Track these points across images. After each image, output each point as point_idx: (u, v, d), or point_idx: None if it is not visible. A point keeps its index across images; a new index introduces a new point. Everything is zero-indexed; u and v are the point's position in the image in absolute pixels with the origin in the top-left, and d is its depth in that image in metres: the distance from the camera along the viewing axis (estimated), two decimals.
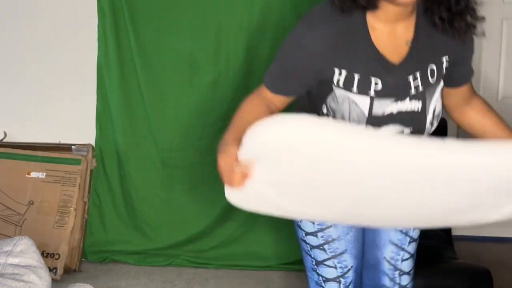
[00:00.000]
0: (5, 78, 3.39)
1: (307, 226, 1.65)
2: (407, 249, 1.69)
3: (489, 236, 3.77)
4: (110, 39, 3.21)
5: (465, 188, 1.30)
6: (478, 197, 1.34)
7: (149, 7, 3.16)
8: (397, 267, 1.68)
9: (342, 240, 1.62)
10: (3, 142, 3.35)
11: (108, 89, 3.27)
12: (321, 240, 1.62)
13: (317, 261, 1.66)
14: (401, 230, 1.66)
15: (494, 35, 3.65)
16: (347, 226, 1.63)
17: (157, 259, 3.29)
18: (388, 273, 1.68)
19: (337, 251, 1.63)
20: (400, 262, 1.68)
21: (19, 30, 3.34)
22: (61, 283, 2.94)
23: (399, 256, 1.68)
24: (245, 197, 1.49)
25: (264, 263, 3.21)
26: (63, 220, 3.11)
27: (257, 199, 1.47)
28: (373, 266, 1.68)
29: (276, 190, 1.40)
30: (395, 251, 1.67)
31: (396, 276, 1.68)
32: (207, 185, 3.24)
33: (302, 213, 1.54)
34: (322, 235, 1.62)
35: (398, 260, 1.67)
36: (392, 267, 1.68)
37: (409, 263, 1.70)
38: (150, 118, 3.26)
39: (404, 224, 1.62)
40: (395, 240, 1.67)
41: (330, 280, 1.65)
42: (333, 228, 1.61)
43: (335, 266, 1.64)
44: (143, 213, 3.31)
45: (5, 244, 1.59)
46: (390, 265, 1.68)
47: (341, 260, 1.64)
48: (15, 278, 1.49)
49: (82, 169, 3.20)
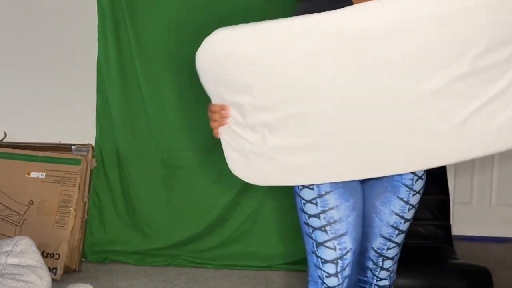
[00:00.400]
0: (5, 78, 3.39)
1: (306, 193, 1.73)
2: (395, 240, 1.82)
3: (489, 236, 3.78)
4: (110, 39, 3.21)
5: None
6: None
7: (149, 7, 3.16)
8: (382, 254, 1.83)
9: (344, 222, 1.71)
10: (3, 142, 3.36)
11: (108, 89, 3.27)
12: (324, 221, 1.71)
13: (317, 243, 1.72)
14: (392, 225, 1.79)
15: None
16: (348, 209, 1.71)
17: (157, 259, 3.30)
18: (373, 259, 1.84)
19: (338, 233, 1.70)
20: (385, 251, 1.83)
21: (19, 30, 3.35)
22: (61, 283, 2.94)
23: (386, 246, 1.82)
24: (237, 155, 1.68)
25: (264, 263, 3.21)
26: (63, 220, 3.11)
27: (249, 153, 1.65)
28: (361, 253, 1.81)
29: (259, 128, 1.62)
30: (383, 242, 1.81)
31: (380, 261, 1.84)
32: (207, 185, 3.24)
33: (293, 160, 1.65)
34: (324, 216, 1.70)
35: (384, 250, 1.82)
36: (377, 255, 1.83)
37: (394, 250, 1.84)
38: (150, 118, 3.26)
39: (397, 160, 1.64)
40: (384, 233, 1.80)
41: (328, 261, 1.71)
42: (335, 210, 1.70)
43: (335, 248, 1.71)
44: (143, 213, 3.32)
45: (5, 244, 1.59)
46: (376, 253, 1.83)
47: (341, 241, 1.71)
48: (15, 278, 1.49)
49: (82, 169, 3.20)
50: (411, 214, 1.82)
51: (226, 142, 1.69)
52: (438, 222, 3.04)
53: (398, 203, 1.78)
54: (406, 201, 1.79)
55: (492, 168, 3.77)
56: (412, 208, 1.81)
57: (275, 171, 1.67)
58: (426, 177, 1.83)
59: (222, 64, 1.60)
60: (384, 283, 1.88)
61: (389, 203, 1.78)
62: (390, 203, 1.78)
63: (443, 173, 3.11)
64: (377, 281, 1.87)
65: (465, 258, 2.98)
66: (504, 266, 3.29)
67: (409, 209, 1.80)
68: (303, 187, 1.73)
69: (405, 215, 1.80)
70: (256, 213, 3.24)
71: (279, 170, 1.66)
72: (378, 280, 1.86)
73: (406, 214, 1.80)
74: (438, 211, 3.05)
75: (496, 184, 3.78)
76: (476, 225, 3.77)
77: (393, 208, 1.78)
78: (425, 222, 3.03)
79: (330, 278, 1.71)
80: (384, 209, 1.79)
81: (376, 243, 1.82)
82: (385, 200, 1.78)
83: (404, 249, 2.90)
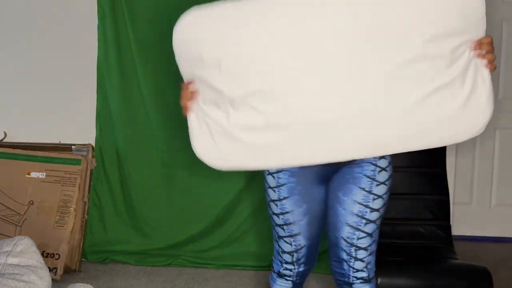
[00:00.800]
0: (5, 78, 3.39)
1: (271, 193, 1.99)
2: (363, 229, 1.91)
3: (489, 236, 3.78)
4: (110, 39, 3.21)
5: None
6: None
7: (149, 7, 3.16)
8: (353, 244, 1.91)
9: (297, 224, 1.97)
10: (3, 142, 3.36)
11: (108, 89, 3.27)
12: (281, 221, 1.99)
13: (278, 236, 2.04)
14: (357, 214, 1.89)
15: (494, 35, 3.65)
16: (301, 214, 1.95)
17: (157, 259, 3.30)
18: (345, 249, 1.93)
19: (292, 232, 1.99)
20: (356, 240, 1.91)
21: (19, 30, 3.34)
22: (61, 283, 2.94)
23: (355, 235, 1.91)
24: (203, 137, 1.82)
25: (264, 263, 3.21)
26: (63, 220, 3.11)
27: (214, 133, 1.77)
28: (334, 244, 1.95)
29: (223, 105, 1.72)
30: (351, 232, 1.91)
31: (352, 251, 1.92)
32: (207, 185, 3.24)
33: (254, 140, 1.75)
34: (282, 217, 1.98)
35: (354, 239, 1.91)
36: (349, 244, 1.92)
37: (365, 240, 1.92)
38: (150, 118, 3.26)
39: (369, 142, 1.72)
40: (351, 222, 1.90)
41: (286, 252, 2.04)
42: (289, 214, 1.96)
43: (291, 243, 2.01)
44: (143, 213, 3.32)
45: (5, 244, 1.59)
46: (347, 243, 1.92)
47: (296, 239, 2.00)
48: (15, 278, 1.49)
49: (82, 169, 3.20)
50: (378, 204, 1.90)
51: (193, 122, 1.81)
52: (438, 222, 3.04)
53: (360, 193, 1.88)
54: (368, 191, 1.88)
55: (492, 168, 3.77)
56: (378, 198, 1.89)
57: (237, 153, 1.77)
58: (391, 169, 1.91)
59: (194, 39, 1.73)
60: (362, 275, 1.95)
61: (351, 194, 1.89)
62: (352, 193, 1.89)
63: (443, 173, 3.11)
64: (354, 273, 1.94)
65: (465, 258, 2.98)
66: (504, 266, 3.29)
67: (374, 198, 1.89)
68: (269, 187, 1.97)
69: (370, 204, 1.89)
70: (256, 213, 3.24)
71: (240, 151, 1.76)
72: (355, 271, 1.94)
73: (370, 203, 1.89)
74: (438, 211, 3.05)
75: (496, 184, 3.78)
76: (476, 225, 3.77)
77: (355, 198, 1.88)
78: (425, 222, 3.03)
79: (287, 264, 2.06)
80: (346, 199, 1.89)
81: (344, 232, 1.91)
82: (347, 191, 1.89)
83: (404, 249, 2.91)
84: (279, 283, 2.13)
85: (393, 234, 3.00)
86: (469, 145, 3.75)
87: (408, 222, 3.04)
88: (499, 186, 3.78)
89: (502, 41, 3.66)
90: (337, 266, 1.98)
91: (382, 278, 2.59)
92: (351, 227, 1.90)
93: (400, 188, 3.08)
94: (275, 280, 2.15)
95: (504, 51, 3.67)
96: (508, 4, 3.63)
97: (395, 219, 3.04)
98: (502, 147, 3.76)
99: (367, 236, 1.92)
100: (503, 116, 3.72)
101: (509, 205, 3.79)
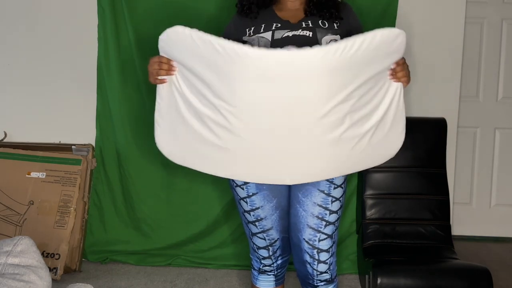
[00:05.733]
0: (5, 78, 3.39)
1: (239, 191, 2.07)
2: (324, 231, 1.99)
3: (489, 236, 3.78)
4: (110, 39, 3.21)
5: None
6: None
7: (149, 7, 3.16)
8: (315, 246, 1.99)
9: (269, 219, 2.06)
10: (3, 142, 3.36)
11: (108, 89, 3.27)
12: (253, 218, 2.07)
13: (252, 233, 2.11)
14: (317, 216, 1.97)
15: (494, 35, 3.66)
16: (272, 208, 2.05)
17: (157, 259, 3.30)
18: (308, 251, 2.00)
19: (265, 228, 2.08)
20: (317, 242, 1.99)
21: (19, 30, 3.35)
22: (61, 283, 2.95)
23: (316, 237, 1.98)
24: (167, 128, 1.99)
25: None
26: (63, 220, 3.11)
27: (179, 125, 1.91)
28: (297, 246, 2.02)
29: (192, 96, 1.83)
30: (312, 233, 1.98)
31: (315, 253, 1.99)
32: (207, 185, 3.24)
33: (202, 150, 1.89)
34: (253, 214, 2.06)
35: (315, 241, 1.98)
36: (311, 246, 1.99)
37: (326, 242, 1.99)
38: (150, 118, 3.25)
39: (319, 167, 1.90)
40: (312, 224, 1.98)
41: (261, 248, 2.13)
42: (260, 210, 2.04)
43: (265, 238, 2.10)
44: (143, 213, 3.32)
45: (5, 244, 1.59)
46: (309, 245, 1.99)
47: (269, 234, 2.09)
48: (15, 278, 1.49)
49: (82, 169, 3.20)
50: (336, 206, 1.99)
51: (164, 92, 1.91)
52: (438, 222, 3.04)
53: (319, 195, 1.97)
54: (327, 193, 1.97)
55: (492, 168, 3.77)
56: (336, 200, 1.99)
57: (190, 156, 1.93)
58: (346, 175, 2.03)
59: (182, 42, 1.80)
60: (325, 277, 2.03)
61: (310, 195, 1.97)
62: (312, 195, 1.97)
63: (443, 173, 3.11)
64: (318, 275, 2.02)
65: (465, 258, 2.98)
66: (504, 266, 3.29)
67: (333, 201, 1.98)
68: (236, 185, 2.05)
69: (329, 206, 1.97)
70: None
71: (193, 155, 1.91)
72: (319, 274, 2.02)
73: (330, 205, 1.98)
74: (438, 211, 3.06)
75: (496, 184, 3.78)
76: (476, 225, 3.77)
77: (315, 200, 1.97)
78: (425, 222, 3.03)
79: (265, 259, 2.15)
80: (306, 200, 1.97)
81: (306, 233, 1.98)
82: (306, 193, 1.98)
83: (404, 249, 2.91)
84: (261, 279, 2.19)
85: (393, 234, 3.01)
86: (469, 145, 3.75)
87: (408, 222, 3.04)
88: (499, 186, 3.78)
89: (502, 41, 3.66)
90: (301, 268, 2.05)
91: (382, 278, 2.59)
92: (312, 229, 1.97)
93: (400, 188, 3.08)
94: (257, 277, 2.21)
95: (504, 51, 3.67)
96: (508, 4, 3.63)
97: (395, 219, 3.04)
98: (502, 147, 3.76)
99: (328, 237, 1.99)
100: (503, 116, 3.73)
101: (509, 205, 3.79)
